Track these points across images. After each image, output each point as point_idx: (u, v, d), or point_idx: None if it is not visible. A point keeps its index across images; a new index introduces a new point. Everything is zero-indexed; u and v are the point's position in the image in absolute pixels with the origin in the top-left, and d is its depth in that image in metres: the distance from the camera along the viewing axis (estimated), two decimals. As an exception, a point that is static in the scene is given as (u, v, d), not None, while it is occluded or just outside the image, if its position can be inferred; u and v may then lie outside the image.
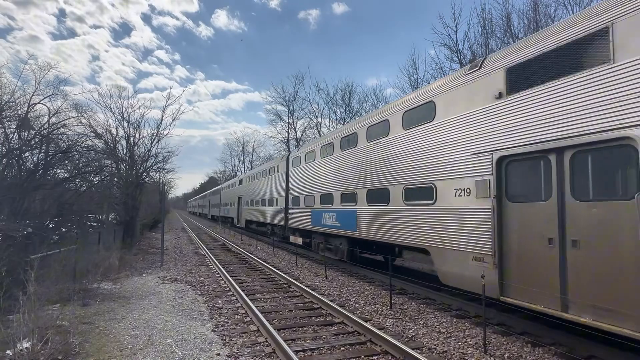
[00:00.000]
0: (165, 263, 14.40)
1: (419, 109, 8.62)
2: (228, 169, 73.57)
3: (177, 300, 8.65)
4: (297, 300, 8.81)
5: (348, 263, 12.57)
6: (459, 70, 8.39)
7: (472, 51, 21.79)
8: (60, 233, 10.55)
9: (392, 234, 9.32)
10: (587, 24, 5.27)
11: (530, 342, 5.81)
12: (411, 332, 6.45)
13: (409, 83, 27.56)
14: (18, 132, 9.81)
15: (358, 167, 11.15)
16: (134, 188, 19.36)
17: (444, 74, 22.98)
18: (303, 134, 42.54)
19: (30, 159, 10.20)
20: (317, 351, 5.60)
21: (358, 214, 11.02)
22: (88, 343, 5.74)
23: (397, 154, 9.24)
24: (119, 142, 20.74)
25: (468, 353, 5.50)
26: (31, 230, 8.14)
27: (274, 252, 17.82)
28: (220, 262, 14.49)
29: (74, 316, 6.99)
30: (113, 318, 7.11)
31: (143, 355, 5.34)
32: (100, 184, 15.92)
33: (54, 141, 11.10)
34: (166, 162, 23.21)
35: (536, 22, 18.51)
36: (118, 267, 12.23)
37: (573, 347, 5.51)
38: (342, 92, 39.19)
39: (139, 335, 6.16)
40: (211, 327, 6.74)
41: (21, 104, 10.16)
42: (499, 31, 20.84)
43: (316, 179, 14.37)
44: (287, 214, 17.62)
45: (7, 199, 8.24)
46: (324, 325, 6.88)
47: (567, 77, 5.41)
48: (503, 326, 6.56)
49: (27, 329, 5.14)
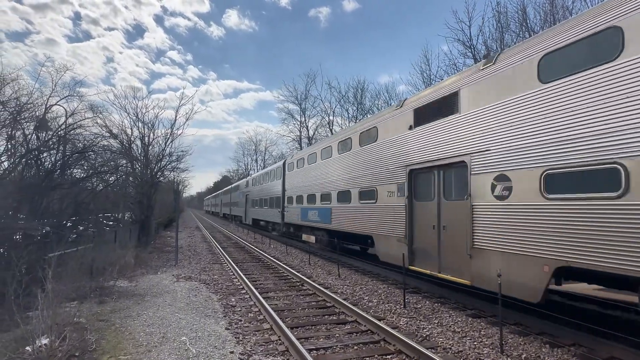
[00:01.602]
0: (179, 261, 14.57)
1: (368, 131, 11.49)
2: (241, 168, 74.18)
3: (191, 298, 8.73)
4: (310, 298, 8.79)
5: (328, 250, 15.68)
6: (392, 106, 11.26)
7: (486, 46, 21.44)
8: (77, 232, 10.76)
9: (353, 226, 12.14)
10: (446, 89, 8.17)
11: (548, 343, 5.67)
12: (425, 332, 6.36)
13: (421, 80, 27.31)
14: (36, 133, 10.03)
15: (331, 173, 14.10)
16: (149, 187, 19.62)
17: (458, 69, 22.66)
18: (315, 132, 42.59)
19: (48, 159, 10.41)
20: (331, 350, 5.57)
21: (332, 210, 13.92)
22: (104, 340, 5.83)
23: (356, 164, 12.12)
24: (134, 142, 21.05)
25: (484, 353, 5.40)
26: (49, 229, 8.31)
27: (287, 251, 17.86)
28: (233, 260, 14.59)
29: (91, 313, 7.11)
30: (129, 315, 7.20)
31: (158, 352, 5.40)
32: (115, 184, 16.20)
33: (71, 141, 11.31)
34: (180, 161, 23.49)
35: (553, 15, 18.07)
36: (133, 265, 12.42)
37: (593, 348, 5.36)
38: (354, 89, 39.05)
39: (154, 333, 6.23)
40: (225, 325, 6.77)
41: (39, 105, 10.38)
42: (514, 25, 20.43)
43: (304, 182, 17.30)
44: (284, 212, 20.63)
45: (26, 199, 8.43)
46: (337, 323, 6.84)
47: (440, 119, 8.18)
48: (520, 326, 6.43)
49: (45, 325, 5.24)
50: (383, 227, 10.22)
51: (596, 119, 5.06)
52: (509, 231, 6.32)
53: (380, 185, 10.44)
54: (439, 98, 8.31)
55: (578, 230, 5.20)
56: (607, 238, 4.85)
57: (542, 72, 5.93)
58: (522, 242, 6.05)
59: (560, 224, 5.44)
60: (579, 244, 5.17)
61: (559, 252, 5.43)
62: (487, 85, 7.02)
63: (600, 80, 5.06)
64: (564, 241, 5.37)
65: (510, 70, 6.54)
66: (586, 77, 5.24)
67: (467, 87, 7.51)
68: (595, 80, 5.12)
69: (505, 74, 6.63)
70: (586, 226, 5.10)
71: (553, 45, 5.82)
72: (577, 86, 5.34)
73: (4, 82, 9.10)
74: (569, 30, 5.61)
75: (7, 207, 7.61)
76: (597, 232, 4.97)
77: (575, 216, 5.26)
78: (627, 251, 4.62)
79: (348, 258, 13.66)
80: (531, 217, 5.92)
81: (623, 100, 4.79)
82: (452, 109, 7.82)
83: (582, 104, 5.26)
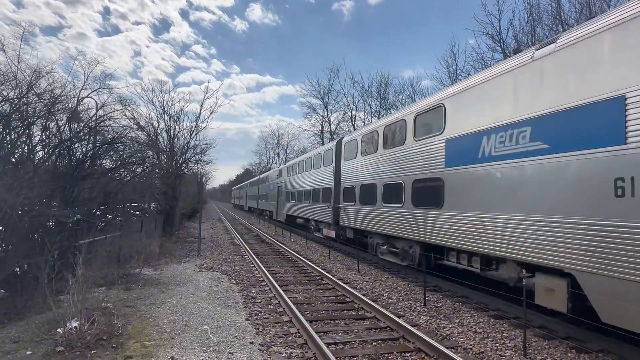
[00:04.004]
0: (202, 252, 14.89)
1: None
2: (263, 162, 74.77)
3: (212, 288, 8.91)
4: (329, 293, 8.82)
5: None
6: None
7: (516, 40, 20.73)
8: (106, 220, 11.12)
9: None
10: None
11: (574, 348, 5.49)
12: (446, 331, 6.28)
13: (447, 74, 26.74)
14: (69, 124, 10.39)
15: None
16: (174, 179, 20.08)
17: (486, 65, 22.01)
18: (337, 127, 42.41)
19: (80, 149, 10.77)
20: (349, 345, 5.58)
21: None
22: (130, 325, 6.03)
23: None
24: (160, 134, 21.60)
25: (506, 355, 5.28)
26: (80, 217, 8.63)
27: (307, 245, 17.95)
28: (254, 252, 14.78)
29: (118, 299, 7.37)
30: (153, 303, 7.42)
31: (180, 340, 5.55)
32: (142, 174, 16.61)
33: (101, 133, 11.66)
34: (204, 153, 23.98)
35: (589, 6, 17.27)
36: (158, 254, 12.78)
37: (623, 356, 5.15)
38: (378, 84, 38.57)
39: (177, 321, 6.40)
40: (245, 315, 6.88)
41: (71, 97, 10.73)
42: (547, 18, 19.65)
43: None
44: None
45: (59, 187, 8.77)
46: (356, 319, 6.84)
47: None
48: (545, 329, 6.25)
49: (75, 309, 5.47)
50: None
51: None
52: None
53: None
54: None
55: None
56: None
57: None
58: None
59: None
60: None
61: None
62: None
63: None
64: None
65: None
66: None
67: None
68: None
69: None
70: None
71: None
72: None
73: (39, 74, 9.46)
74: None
75: (42, 195, 7.94)
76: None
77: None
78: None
79: (365, 254, 13.43)
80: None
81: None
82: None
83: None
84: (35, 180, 7.90)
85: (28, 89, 8.89)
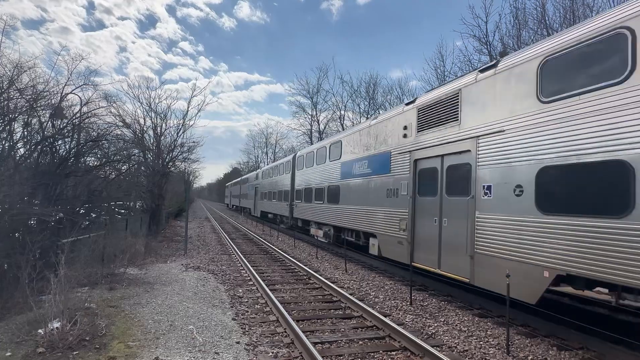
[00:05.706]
0: (188, 251, 14.75)
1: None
2: (251, 160, 74.45)
3: (199, 288, 8.83)
4: (316, 292, 8.83)
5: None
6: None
7: (502, 43, 21.02)
8: (90, 219, 10.93)
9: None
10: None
11: (556, 345, 5.61)
12: (431, 329, 6.35)
13: (435, 76, 26.98)
14: (52, 121, 10.16)
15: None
16: (160, 177, 19.83)
17: (473, 66, 22.29)
18: (326, 126, 42.47)
19: (63, 146, 10.56)
20: (336, 344, 5.60)
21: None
22: (114, 326, 5.94)
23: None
24: (147, 132, 21.27)
25: (490, 353, 5.37)
26: (63, 215, 8.44)
27: (295, 244, 17.94)
28: (242, 251, 14.71)
29: (101, 299, 7.25)
30: (138, 303, 7.32)
31: (165, 340, 5.49)
32: (128, 173, 16.35)
33: (85, 130, 11.45)
34: (191, 152, 23.70)
35: (573, 12, 17.63)
36: (144, 253, 12.62)
37: (603, 354, 5.29)
38: (366, 84, 38.72)
39: (162, 321, 6.33)
40: (231, 315, 6.85)
41: (55, 93, 10.48)
42: (532, 22, 19.98)
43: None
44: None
45: (41, 185, 8.58)
46: (342, 318, 6.87)
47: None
48: (527, 327, 6.37)
49: (57, 309, 5.36)
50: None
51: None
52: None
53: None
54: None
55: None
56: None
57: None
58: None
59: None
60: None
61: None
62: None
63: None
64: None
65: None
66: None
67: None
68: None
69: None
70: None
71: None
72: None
73: (21, 69, 9.22)
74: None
75: (23, 193, 7.75)
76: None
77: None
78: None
79: (354, 253, 13.63)
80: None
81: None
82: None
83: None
84: (16, 177, 7.72)
85: (9, 84, 8.67)
